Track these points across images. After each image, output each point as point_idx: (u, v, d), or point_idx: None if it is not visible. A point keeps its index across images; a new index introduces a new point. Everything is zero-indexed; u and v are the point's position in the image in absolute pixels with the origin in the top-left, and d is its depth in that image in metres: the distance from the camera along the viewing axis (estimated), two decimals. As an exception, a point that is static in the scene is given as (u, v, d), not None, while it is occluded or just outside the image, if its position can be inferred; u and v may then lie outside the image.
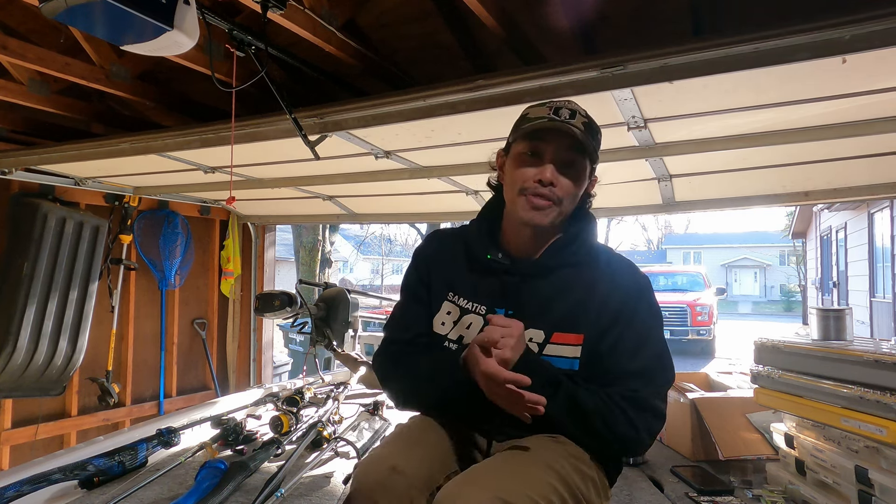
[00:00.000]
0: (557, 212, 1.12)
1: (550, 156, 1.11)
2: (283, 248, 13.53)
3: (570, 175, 1.11)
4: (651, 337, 1.13)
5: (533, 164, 1.11)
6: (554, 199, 1.10)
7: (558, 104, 1.13)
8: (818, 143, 1.84)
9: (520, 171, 1.12)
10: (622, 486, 1.96)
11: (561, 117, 1.10)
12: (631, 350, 1.10)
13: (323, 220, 5.31)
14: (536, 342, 1.11)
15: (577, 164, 1.12)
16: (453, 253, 1.24)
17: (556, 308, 1.12)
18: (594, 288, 1.13)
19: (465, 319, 1.18)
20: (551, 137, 1.10)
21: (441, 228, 1.36)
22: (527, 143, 1.13)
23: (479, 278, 1.19)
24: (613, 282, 1.14)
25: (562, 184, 1.10)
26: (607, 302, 1.12)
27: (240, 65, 1.70)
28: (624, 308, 1.12)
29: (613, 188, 2.68)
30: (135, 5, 1.16)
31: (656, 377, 1.12)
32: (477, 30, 1.83)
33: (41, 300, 2.98)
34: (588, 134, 1.11)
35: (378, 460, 0.99)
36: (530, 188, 1.10)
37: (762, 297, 28.78)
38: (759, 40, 1.25)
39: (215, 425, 2.42)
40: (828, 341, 1.74)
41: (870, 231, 8.55)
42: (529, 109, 1.17)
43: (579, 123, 1.11)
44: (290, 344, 6.88)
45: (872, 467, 1.45)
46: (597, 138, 1.16)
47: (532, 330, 1.12)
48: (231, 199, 1.95)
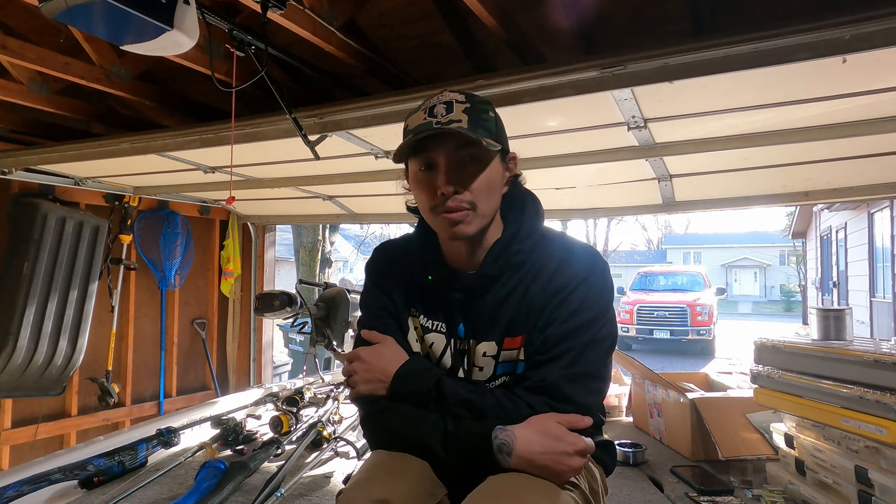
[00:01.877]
0: (479, 215, 1.02)
1: (443, 163, 1.00)
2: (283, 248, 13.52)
3: (472, 172, 1.00)
4: (580, 323, 1.00)
5: (430, 180, 1.01)
6: (467, 205, 1.00)
7: (432, 102, 1.01)
8: (818, 143, 1.84)
9: (423, 192, 1.04)
10: (622, 485, 1.96)
11: (437, 117, 0.98)
12: (554, 336, 0.99)
13: (323, 220, 5.31)
14: (491, 355, 1.06)
15: (476, 158, 1.01)
16: (403, 268, 1.15)
17: (504, 315, 1.05)
18: (537, 280, 1.04)
19: (428, 338, 1.12)
20: (434, 144, 1.00)
21: (387, 241, 1.25)
22: (416, 158, 1.03)
23: (430, 296, 1.12)
24: (560, 266, 1.04)
25: (468, 183, 1.00)
26: (548, 288, 1.03)
27: (240, 65, 1.70)
28: (560, 291, 1.01)
29: (613, 188, 2.68)
30: (135, 5, 1.16)
31: (576, 365, 0.98)
32: (477, 30, 1.83)
33: (41, 300, 2.98)
34: (475, 119, 0.99)
35: (363, 493, 0.90)
36: (439, 205, 1.01)
37: (762, 297, 28.78)
38: (759, 40, 1.25)
39: (215, 425, 2.42)
40: (828, 341, 1.74)
41: (870, 231, 8.55)
42: (408, 118, 1.05)
43: (459, 113, 0.98)
44: (290, 344, 6.87)
45: (872, 467, 1.45)
46: (487, 116, 1.02)
47: (485, 343, 1.06)
48: (231, 199, 1.95)
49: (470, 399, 0.98)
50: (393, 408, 1.04)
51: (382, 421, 1.05)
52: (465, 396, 0.99)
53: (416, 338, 1.14)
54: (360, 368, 1.07)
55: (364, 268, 1.24)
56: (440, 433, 0.96)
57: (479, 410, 0.97)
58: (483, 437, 0.93)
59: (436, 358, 1.11)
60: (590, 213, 3.29)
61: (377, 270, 1.19)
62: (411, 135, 1.00)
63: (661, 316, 10.89)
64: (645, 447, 2.25)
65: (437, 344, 1.11)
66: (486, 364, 1.07)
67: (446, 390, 0.99)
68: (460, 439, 0.95)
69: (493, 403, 0.98)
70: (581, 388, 0.98)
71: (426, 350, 1.13)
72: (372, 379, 1.05)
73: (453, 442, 0.95)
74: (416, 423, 1.00)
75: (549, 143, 2.02)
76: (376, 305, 1.16)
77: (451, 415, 0.98)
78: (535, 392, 0.98)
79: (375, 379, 1.05)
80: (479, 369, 1.07)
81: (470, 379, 1.08)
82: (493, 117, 1.05)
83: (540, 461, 0.90)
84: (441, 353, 1.10)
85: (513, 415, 0.96)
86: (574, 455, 0.91)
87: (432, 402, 1.00)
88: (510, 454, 0.91)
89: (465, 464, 0.95)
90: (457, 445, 0.95)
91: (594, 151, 2.10)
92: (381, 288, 1.17)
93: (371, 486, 0.92)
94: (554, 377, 0.98)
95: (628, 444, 2.24)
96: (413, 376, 1.03)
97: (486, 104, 1.05)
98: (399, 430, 1.02)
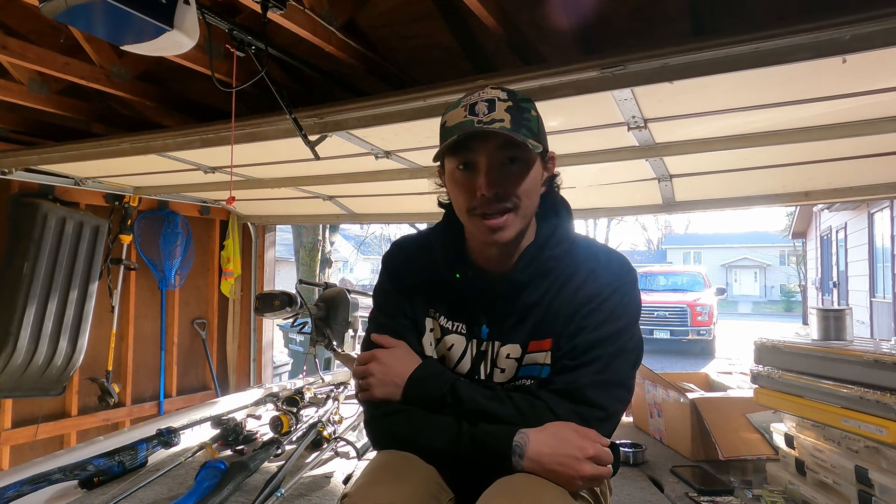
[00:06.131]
0: (520, 218, 0.99)
1: (484, 164, 0.96)
2: (283, 248, 13.52)
3: (515, 172, 0.97)
4: (611, 332, 0.99)
5: (470, 180, 0.97)
6: (510, 206, 0.96)
7: (473, 99, 0.97)
8: (818, 143, 1.84)
9: (460, 192, 0.99)
10: (622, 485, 1.96)
11: (478, 115, 0.94)
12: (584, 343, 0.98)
13: (323, 220, 5.31)
14: (514, 357, 1.04)
15: (519, 158, 0.97)
16: (424, 266, 1.11)
17: (531, 319, 1.03)
18: (567, 286, 1.02)
19: (447, 340, 1.09)
20: (476, 144, 0.96)
21: (404, 236, 1.20)
22: (455, 157, 0.99)
23: (452, 295, 1.09)
24: (590, 274, 1.02)
25: (510, 186, 0.96)
26: (577, 296, 1.01)
27: (240, 65, 1.70)
28: (592, 300, 1.00)
29: (613, 188, 2.68)
30: (135, 5, 1.16)
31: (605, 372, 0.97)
32: (477, 30, 1.83)
33: (41, 300, 2.98)
34: (517, 118, 0.96)
35: (369, 497, 0.89)
36: (478, 207, 0.97)
37: (762, 297, 28.78)
38: (759, 40, 1.25)
39: (215, 425, 2.43)
40: (828, 341, 1.74)
41: (870, 231, 8.55)
42: (447, 115, 1.01)
43: (502, 112, 0.95)
44: (290, 344, 6.87)
45: (872, 467, 1.45)
46: (529, 115, 0.99)
47: (509, 346, 1.04)
48: (231, 199, 1.95)
49: (486, 406, 0.97)
50: (404, 410, 1.02)
51: (392, 423, 1.03)
52: (481, 403, 0.97)
53: (432, 339, 1.10)
54: (378, 371, 1.05)
55: (381, 261, 1.19)
56: (454, 434, 0.95)
57: (497, 417, 0.96)
58: (500, 439, 0.92)
59: (454, 359, 1.08)
60: (590, 213, 3.29)
61: (395, 267, 1.15)
62: (453, 134, 0.95)
63: (661, 316, 10.88)
64: (645, 447, 2.25)
65: (456, 345, 1.08)
66: (509, 366, 1.05)
67: (462, 395, 0.98)
68: (476, 440, 0.94)
69: (512, 411, 0.96)
70: (609, 395, 0.97)
71: (443, 351, 1.10)
72: (388, 382, 1.03)
73: (469, 443, 0.94)
74: (427, 424, 0.99)
75: (549, 142, 2.01)
76: (392, 304, 1.12)
77: (467, 420, 0.97)
78: (562, 396, 0.96)
79: (392, 383, 1.03)
80: (500, 371, 1.05)
81: (490, 380, 1.06)
82: (535, 116, 1.01)
83: (549, 464, 0.89)
84: (461, 355, 1.08)
85: (531, 420, 0.94)
86: (584, 460, 0.89)
87: (447, 408, 0.99)
88: (522, 456, 0.91)
89: (477, 465, 0.94)
90: (473, 446, 0.94)
91: (594, 151, 2.10)
92: (397, 287, 1.13)
93: (376, 490, 0.90)
94: (583, 382, 0.96)
95: (628, 444, 2.24)
96: (426, 381, 1.02)
97: (528, 102, 1.01)
98: (409, 431, 1.01)
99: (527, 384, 1.04)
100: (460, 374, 1.07)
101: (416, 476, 0.95)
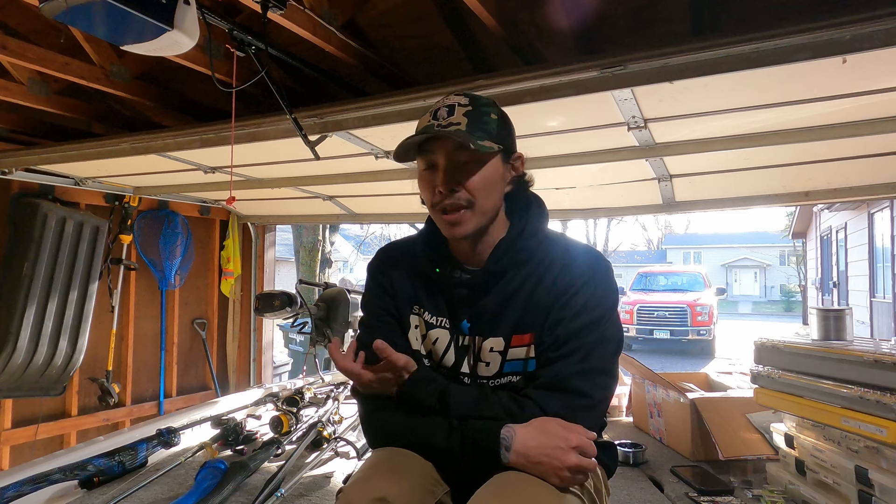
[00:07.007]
0: (477, 214, 1.05)
1: (442, 163, 1.05)
2: (283, 248, 13.52)
3: (469, 171, 1.04)
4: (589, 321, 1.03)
5: (431, 179, 1.06)
6: (464, 204, 1.04)
7: (438, 105, 1.07)
8: (818, 143, 1.84)
9: (425, 190, 1.09)
10: (622, 485, 1.96)
11: (439, 119, 1.04)
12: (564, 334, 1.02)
13: (323, 220, 5.31)
14: (498, 351, 1.08)
15: (473, 158, 1.04)
16: (407, 266, 1.18)
17: (511, 312, 1.07)
18: (543, 280, 1.07)
19: (432, 334, 1.13)
20: (435, 146, 1.05)
21: (389, 242, 1.28)
22: (420, 158, 1.09)
23: (435, 291, 1.14)
24: (564, 267, 1.07)
25: (464, 184, 1.04)
26: (553, 288, 1.05)
27: (240, 65, 1.70)
28: (567, 290, 1.04)
29: (613, 188, 2.68)
30: (135, 5, 1.16)
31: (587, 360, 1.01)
32: (477, 30, 1.83)
33: (41, 300, 2.98)
34: (475, 121, 1.03)
35: (363, 492, 0.91)
36: (437, 203, 1.06)
37: (762, 297, 28.78)
38: (759, 40, 1.25)
39: (215, 425, 2.43)
40: (828, 341, 1.74)
41: (870, 231, 8.55)
42: (420, 119, 1.11)
43: (460, 116, 1.03)
44: (290, 344, 6.88)
45: (872, 467, 1.45)
46: (488, 118, 1.06)
47: (492, 339, 1.08)
48: (231, 199, 1.95)
49: (473, 412, 0.99)
50: (397, 407, 1.06)
51: (385, 419, 1.07)
52: (470, 408, 1.00)
53: (418, 335, 1.15)
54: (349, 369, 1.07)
55: (366, 268, 1.25)
56: (445, 431, 0.98)
57: (485, 419, 0.99)
58: (488, 434, 0.95)
59: (439, 353, 1.12)
60: (590, 213, 3.29)
61: (380, 269, 1.21)
62: (416, 134, 1.05)
63: (661, 316, 10.89)
64: (645, 447, 2.25)
65: (440, 339, 1.13)
66: (493, 360, 1.08)
67: (451, 402, 1.01)
68: (466, 437, 0.97)
69: (500, 412, 0.99)
70: (593, 383, 1.01)
71: (430, 346, 1.14)
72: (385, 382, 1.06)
73: (459, 439, 0.97)
74: (420, 419, 1.02)
75: (549, 143, 2.01)
76: (377, 304, 1.18)
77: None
78: (549, 389, 1.00)
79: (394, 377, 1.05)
80: (485, 365, 1.09)
81: (475, 374, 1.09)
82: (495, 119, 1.07)
83: (535, 456, 0.92)
84: (445, 349, 1.12)
85: (519, 418, 0.97)
86: (568, 450, 0.91)
87: (437, 414, 1.01)
88: (509, 449, 0.93)
89: (468, 460, 0.96)
90: (463, 443, 0.97)
91: (594, 151, 2.10)
92: (382, 286, 1.19)
93: (370, 485, 0.93)
94: (567, 372, 1.00)
95: (628, 444, 2.24)
96: (418, 385, 1.04)
97: (489, 106, 1.08)
98: (402, 427, 1.04)
99: (514, 381, 1.07)
100: (446, 366, 1.12)
101: (411, 471, 0.98)
